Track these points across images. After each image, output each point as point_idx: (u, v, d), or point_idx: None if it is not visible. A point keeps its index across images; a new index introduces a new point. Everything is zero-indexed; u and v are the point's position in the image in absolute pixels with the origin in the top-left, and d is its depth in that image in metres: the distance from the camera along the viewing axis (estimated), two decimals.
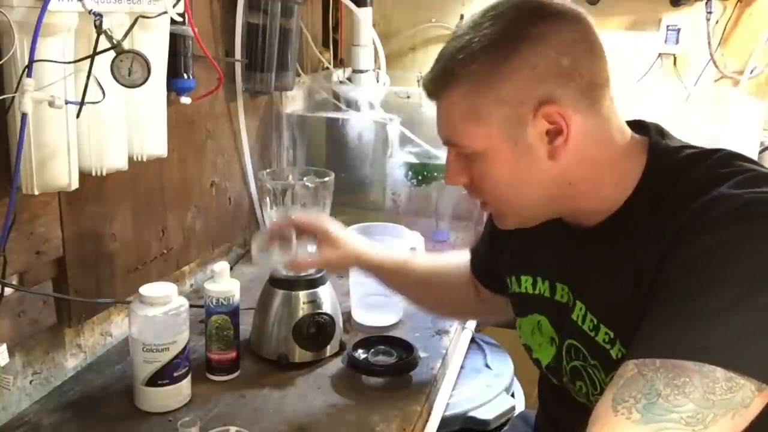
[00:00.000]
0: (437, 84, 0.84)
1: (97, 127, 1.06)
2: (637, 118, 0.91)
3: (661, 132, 0.89)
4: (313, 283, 1.25)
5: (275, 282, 1.26)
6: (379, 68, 1.99)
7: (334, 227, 1.17)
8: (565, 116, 0.79)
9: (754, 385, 0.66)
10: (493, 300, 1.14)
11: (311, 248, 1.18)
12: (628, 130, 0.87)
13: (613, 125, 0.85)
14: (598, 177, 0.84)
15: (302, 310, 1.23)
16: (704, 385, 0.66)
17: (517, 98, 0.79)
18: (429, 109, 2.03)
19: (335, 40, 2.16)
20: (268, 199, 1.26)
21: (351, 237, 1.20)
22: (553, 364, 0.96)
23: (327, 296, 1.26)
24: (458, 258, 1.22)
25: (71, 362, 1.23)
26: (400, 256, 1.23)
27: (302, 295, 1.24)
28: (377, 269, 1.21)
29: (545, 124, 0.80)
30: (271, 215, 1.27)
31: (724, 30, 2.07)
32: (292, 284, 1.25)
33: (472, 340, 1.52)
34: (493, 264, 1.10)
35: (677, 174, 0.81)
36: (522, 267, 1.01)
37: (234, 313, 1.18)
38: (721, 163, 0.80)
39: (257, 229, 1.81)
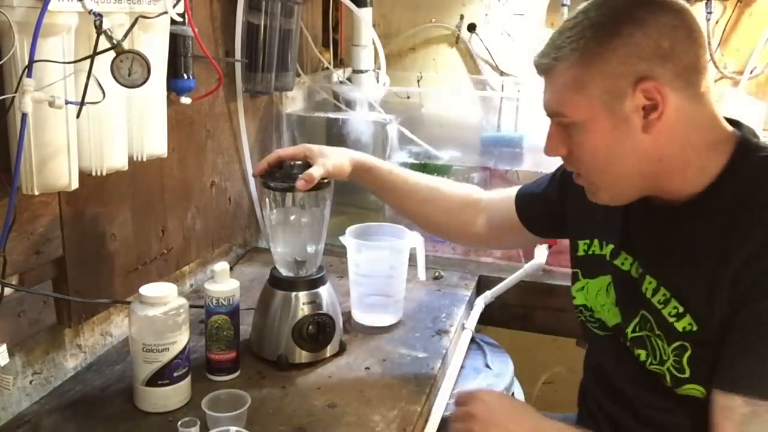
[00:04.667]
0: (547, 58, 0.91)
1: (97, 127, 1.06)
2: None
3: (753, 132, 0.94)
4: (313, 284, 1.25)
5: (275, 282, 1.26)
6: (379, 68, 1.99)
7: (314, 146, 1.25)
8: (661, 92, 0.86)
9: None
10: (506, 236, 1.28)
11: None
12: (722, 121, 0.93)
13: (705, 111, 0.91)
14: (686, 157, 0.90)
15: (302, 310, 1.23)
16: None
17: (618, 72, 0.87)
18: (428, 109, 2.03)
19: (335, 40, 2.16)
20: (267, 199, 1.26)
21: (335, 148, 1.28)
22: (622, 325, 1.02)
23: (327, 296, 1.26)
24: (464, 186, 1.33)
25: (71, 362, 1.23)
26: (401, 169, 1.34)
27: (302, 295, 1.24)
28: (379, 176, 1.29)
29: (642, 99, 0.87)
30: (270, 216, 1.27)
31: (724, 30, 2.06)
32: (292, 284, 1.25)
33: (472, 340, 1.52)
34: (546, 208, 1.20)
35: (762, 174, 0.89)
36: (587, 231, 1.09)
37: (234, 313, 1.18)
38: None
39: (257, 230, 1.81)
